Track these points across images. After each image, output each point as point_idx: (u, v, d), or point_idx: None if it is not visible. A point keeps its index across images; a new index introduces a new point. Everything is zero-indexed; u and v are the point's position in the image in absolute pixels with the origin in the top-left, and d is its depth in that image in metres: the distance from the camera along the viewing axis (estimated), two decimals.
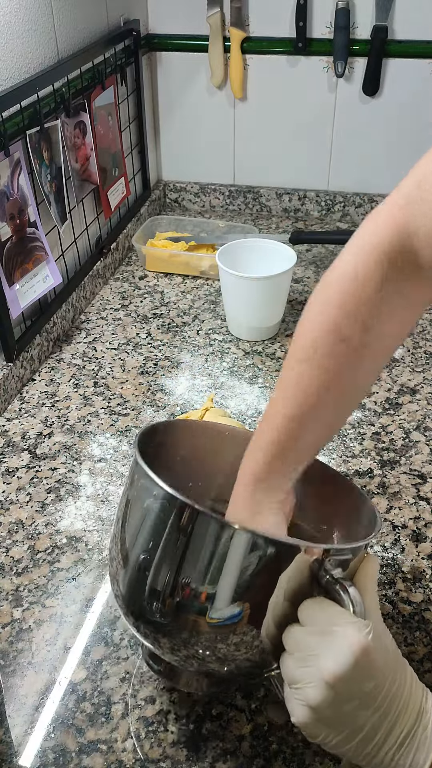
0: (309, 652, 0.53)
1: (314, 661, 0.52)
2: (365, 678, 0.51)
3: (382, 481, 0.95)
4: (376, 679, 0.51)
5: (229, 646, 0.57)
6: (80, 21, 1.24)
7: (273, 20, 1.49)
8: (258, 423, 0.67)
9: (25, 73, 1.08)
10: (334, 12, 1.43)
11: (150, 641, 0.60)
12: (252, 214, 1.71)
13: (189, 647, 0.57)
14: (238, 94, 1.57)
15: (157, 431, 0.68)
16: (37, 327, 1.16)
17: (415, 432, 1.03)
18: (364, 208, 1.65)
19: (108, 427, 1.05)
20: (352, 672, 0.51)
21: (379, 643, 0.52)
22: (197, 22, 1.52)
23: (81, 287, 1.31)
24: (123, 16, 1.41)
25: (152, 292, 1.39)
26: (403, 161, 1.58)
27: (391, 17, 1.43)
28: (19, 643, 0.75)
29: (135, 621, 0.60)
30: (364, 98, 1.52)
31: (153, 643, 0.60)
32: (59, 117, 1.16)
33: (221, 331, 1.27)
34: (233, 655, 0.57)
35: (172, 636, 0.58)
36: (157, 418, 1.06)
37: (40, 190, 1.13)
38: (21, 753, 0.66)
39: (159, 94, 1.63)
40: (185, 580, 0.55)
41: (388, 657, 0.53)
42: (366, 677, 0.51)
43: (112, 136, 1.38)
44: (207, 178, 1.72)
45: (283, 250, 1.23)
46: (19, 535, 0.88)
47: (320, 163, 1.63)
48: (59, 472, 0.97)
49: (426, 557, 0.84)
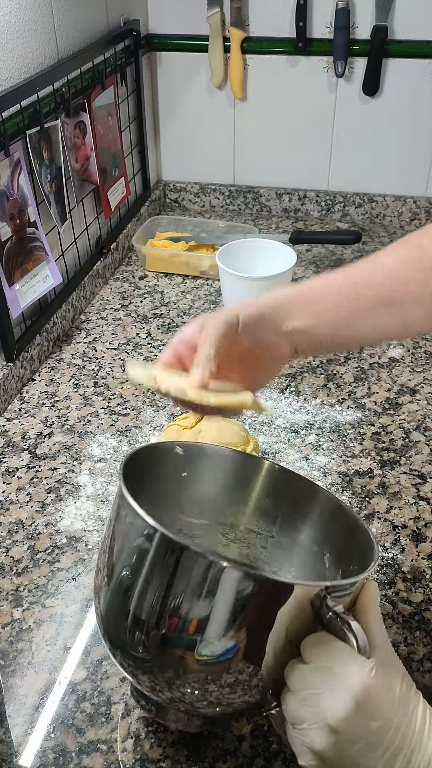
0: (312, 691, 0.51)
1: (317, 701, 0.51)
2: (370, 717, 0.50)
3: (382, 481, 0.95)
4: (382, 718, 0.50)
5: (223, 688, 0.54)
6: (80, 21, 1.24)
7: (273, 20, 1.49)
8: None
9: (25, 73, 1.08)
10: (334, 12, 1.43)
11: (130, 675, 0.57)
12: (252, 214, 1.71)
13: (175, 688, 0.54)
14: (238, 94, 1.57)
15: (140, 456, 0.65)
16: (37, 327, 1.16)
17: (415, 432, 1.03)
18: (364, 208, 1.65)
19: (108, 427, 1.05)
20: (355, 713, 0.49)
21: (385, 680, 0.51)
22: (197, 22, 1.52)
23: (81, 287, 1.31)
24: (123, 16, 1.41)
25: (152, 292, 1.39)
26: (403, 161, 1.60)
27: (391, 17, 1.43)
28: (19, 643, 0.75)
29: (113, 648, 0.58)
30: (364, 98, 1.52)
31: (134, 677, 0.57)
32: (59, 117, 1.16)
33: None
34: (227, 698, 0.55)
35: (154, 674, 0.55)
36: (157, 418, 1.06)
37: (40, 190, 1.13)
38: (21, 753, 0.66)
39: (159, 94, 1.63)
40: (172, 612, 0.53)
41: (396, 693, 0.51)
42: (370, 717, 0.50)
43: (112, 136, 1.38)
44: (207, 178, 1.72)
45: (283, 250, 1.23)
46: (19, 535, 0.88)
47: (320, 163, 1.63)
48: (59, 472, 0.97)
49: (426, 557, 0.84)
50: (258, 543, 0.72)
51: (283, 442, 1.01)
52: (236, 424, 0.96)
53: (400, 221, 1.64)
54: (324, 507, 0.67)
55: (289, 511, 0.69)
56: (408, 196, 1.62)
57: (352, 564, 0.63)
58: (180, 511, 0.71)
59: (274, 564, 0.71)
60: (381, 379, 1.13)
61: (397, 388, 1.12)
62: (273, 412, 0.90)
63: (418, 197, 1.61)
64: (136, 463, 0.62)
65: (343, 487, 0.93)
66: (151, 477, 0.66)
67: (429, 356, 1.19)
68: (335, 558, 0.66)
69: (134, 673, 0.56)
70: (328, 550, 0.67)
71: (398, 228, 1.64)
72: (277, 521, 0.70)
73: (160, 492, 0.67)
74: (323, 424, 1.04)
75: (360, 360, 1.18)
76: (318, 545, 0.68)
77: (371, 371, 1.15)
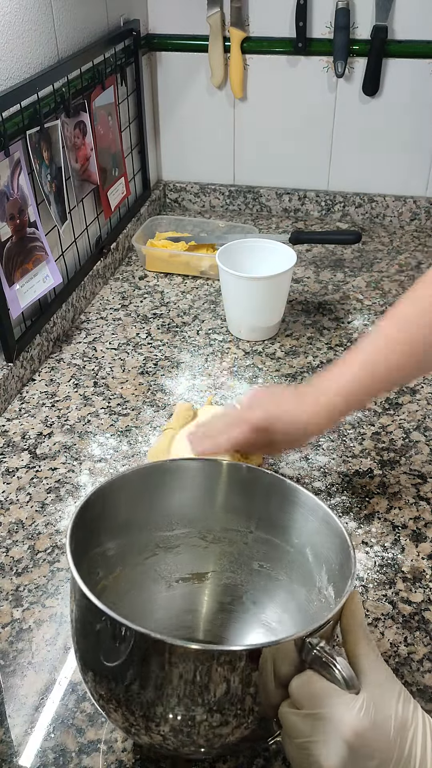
0: (306, 738, 0.52)
1: (312, 749, 0.51)
2: (366, 759, 0.50)
3: (382, 481, 0.95)
4: (379, 757, 0.50)
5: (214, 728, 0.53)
6: (80, 21, 1.24)
7: (273, 20, 1.49)
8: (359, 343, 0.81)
9: (25, 73, 1.08)
10: (334, 12, 1.43)
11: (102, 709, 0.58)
12: (252, 214, 1.71)
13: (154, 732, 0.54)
14: (238, 94, 1.57)
15: (93, 503, 0.63)
16: (37, 327, 1.16)
17: (415, 432, 1.03)
18: (364, 208, 1.65)
19: (108, 427, 1.05)
20: (350, 759, 0.49)
21: (378, 716, 0.50)
22: (197, 22, 1.52)
23: (81, 287, 1.31)
24: (123, 16, 1.41)
25: (152, 292, 1.39)
26: (403, 161, 1.60)
27: (391, 17, 1.43)
28: (19, 643, 0.75)
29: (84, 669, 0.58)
30: (364, 98, 1.53)
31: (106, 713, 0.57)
32: (59, 117, 1.16)
33: (221, 331, 1.27)
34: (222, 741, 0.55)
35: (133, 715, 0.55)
36: (157, 418, 1.06)
37: (40, 190, 1.13)
38: (21, 753, 0.66)
39: (159, 94, 1.63)
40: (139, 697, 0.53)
41: (391, 726, 0.50)
42: (367, 758, 0.50)
43: (112, 136, 1.38)
44: (207, 178, 1.72)
45: (283, 250, 1.23)
46: (19, 535, 0.88)
47: (320, 163, 1.63)
48: (59, 472, 0.97)
49: (426, 557, 0.84)
50: (239, 539, 0.72)
51: None
52: None
53: (400, 221, 1.64)
54: (296, 500, 0.67)
55: (263, 505, 0.69)
56: (408, 196, 1.62)
57: (333, 562, 0.63)
58: (155, 529, 0.71)
59: (259, 560, 0.71)
60: None
61: (397, 388, 1.12)
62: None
63: (418, 197, 1.61)
64: (90, 513, 0.61)
65: (343, 487, 0.93)
66: (113, 514, 0.66)
67: None
68: (316, 552, 0.66)
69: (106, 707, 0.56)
70: (308, 543, 0.67)
71: (398, 228, 1.64)
72: (253, 517, 0.70)
73: (131, 519, 0.67)
74: None
75: None
76: (297, 538, 0.68)
77: None
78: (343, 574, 0.60)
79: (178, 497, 0.70)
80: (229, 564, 0.73)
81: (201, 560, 0.72)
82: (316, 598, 0.65)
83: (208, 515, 0.71)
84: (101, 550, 0.65)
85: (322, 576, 0.65)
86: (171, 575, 0.72)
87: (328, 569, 0.64)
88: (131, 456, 0.99)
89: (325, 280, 1.43)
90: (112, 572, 0.67)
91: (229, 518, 0.71)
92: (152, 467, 0.69)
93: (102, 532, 0.65)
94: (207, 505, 0.71)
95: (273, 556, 0.70)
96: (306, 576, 0.67)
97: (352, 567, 0.58)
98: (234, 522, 0.71)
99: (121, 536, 0.67)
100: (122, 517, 0.67)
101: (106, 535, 0.66)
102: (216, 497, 0.71)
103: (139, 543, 0.70)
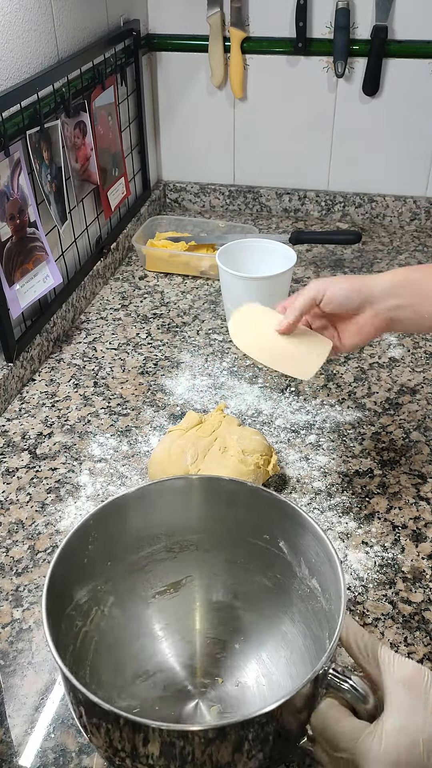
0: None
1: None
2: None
3: (382, 481, 0.95)
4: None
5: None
6: (80, 21, 1.24)
7: (273, 20, 1.49)
8: None
9: (25, 73, 1.08)
10: (334, 12, 1.43)
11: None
12: (252, 214, 1.71)
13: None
14: (238, 94, 1.57)
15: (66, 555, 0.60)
16: (37, 327, 1.16)
17: (415, 432, 1.03)
18: (364, 208, 1.65)
19: (108, 427, 1.05)
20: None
21: (406, 739, 0.50)
22: (197, 22, 1.52)
23: (81, 287, 1.31)
24: (123, 16, 1.41)
25: (152, 292, 1.39)
26: (403, 161, 1.60)
27: (391, 17, 1.43)
28: (19, 643, 0.75)
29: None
30: (364, 98, 1.53)
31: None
32: (59, 117, 1.16)
33: (221, 331, 1.27)
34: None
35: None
36: (157, 418, 1.06)
37: (40, 190, 1.13)
38: (21, 753, 0.66)
39: (159, 94, 1.63)
40: None
41: (421, 744, 0.50)
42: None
43: (112, 136, 1.38)
44: (207, 178, 1.72)
45: (283, 250, 1.23)
46: (19, 535, 0.88)
47: (320, 163, 1.63)
48: (59, 472, 0.97)
49: (426, 557, 0.84)
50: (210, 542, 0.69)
51: (283, 442, 1.01)
52: (258, 433, 0.94)
53: (400, 221, 1.64)
54: (267, 503, 0.64)
55: (239, 511, 0.67)
56: (408, 196, 1.62)
57: (318, 561, 0.61)
58: (137, 550, 0.68)
59: (253, 562, 0.69)
60: (381, 379, 1.13)
61: (397, 388, 1.12)
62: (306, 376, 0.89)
63: (418, 197, 1.61)
64: (55, 585, 0.58)
65: (343, 487, 0.93)
66: (77, 566, 0.62)
67: (429, 356, 1.19)
68: (292, 547, 0.64)
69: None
70: (283, 540, 0.65)
71: (398, 228, 1.64)
72: (228, 522, 0.68)
73: (94, 559, 0.64)
74: (323, 424, 1.04)
75: (360, 360, 1.18)
76: (272, 538, 0.66)
77: (371, 371, 1.15)
78: (328, 576, 0.58)
79: (156, 517, 0.67)
80: (198, 566, 0.70)
81: (173, 570, 0.70)
82: (299, 586, 0.64)
83: (186, 523, 0.68)
84: (74, 604, 0.62)
85: (302, 568, 0.64)
86: (147, 592, 0.70)
87: (307, 562, 0.63)
88: (131, 456, 0.99)
89: None
90: (88, 616, 0.64)
91: (208, 524, 0.68)
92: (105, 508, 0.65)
93: (70, 589, 0.62)
94: (186, 516, 0.68)
95: (261, 562, 0.68)
96: (285, 567, 0.66)
97: (339, 576, 0.56)
98: (214, 528, 0.68)
99: (88, 580, 0.64)
100: (86, 560, 0.64)
101: (75, 588, 0.63)
102: (192, 509, 0.68)
103: (125, 560, 0.68)
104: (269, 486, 0.93)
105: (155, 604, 0.70)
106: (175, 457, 0.90)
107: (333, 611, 0.56)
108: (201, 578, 0.71)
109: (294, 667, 0.65)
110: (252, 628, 0.69)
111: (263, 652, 0.68)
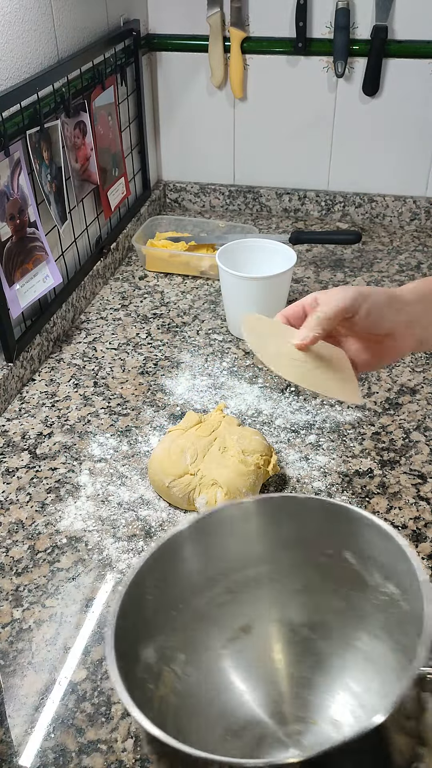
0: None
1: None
2: None
3: (382, 481, 0.95)
4: None
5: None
6: (80, 21, 1.24)
7: (273, 20, 1.49)
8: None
9: (25, 73, 1.08)
10: (334, 12, 1.43)
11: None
12: (252, 214, 1.71)
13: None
14: (238, 94, 1.57)
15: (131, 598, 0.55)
16: (37, 327, 1.16)
17: (415, 432, 1.03)
18: (364, 208, 1.65)
19: (108, 427, 1.05)
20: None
21: None
22: (197, 22, 1.52)
23: (81, 287, 1.31)
24: (123, 16, 1.41)
25: (152, 292, 1.39)
26: (403, 161, 1.60)
27: (391, 17, 1.43)
28: (19, 643, 0.75)
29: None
30: (364, 98, 1.53)
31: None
32: (59, 117, 1.16)
33: (221, 331, 1.27)
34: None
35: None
36: (157, 418, 1.06)
37: (40, 190, 1.13)
38: (21, 753, 0.66)
39: (159, 94, 1.63)
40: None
41: None
42: None
43: (112, 136, 1.38)
44: (207, 178, 1.72)
45: (283, 250, 1.23)
46: (19, 535, 0.88)
47: (320, 163, 1.63)
48: (59, 472, 0.97)
49: (426, 557, 0.84)
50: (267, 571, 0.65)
51: (283, 442, 1.01)
52: (258, 433, 0.94)
53: (400, 221, 1.64)
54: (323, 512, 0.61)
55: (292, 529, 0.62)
56: (408, 196, 1.62)
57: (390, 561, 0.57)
58: (200, 594, 0.63)
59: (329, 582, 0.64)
60: (381, 379, 1.13)
61: (397, 388, 1.12)
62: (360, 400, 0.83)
63: (418, 197, 1.61)
64: (132, 605, 0.55)
65: (343, 487, 0.94)
66: (141, 619, 0.58)
67: (429, 356, 1.19)
68: (359, 555, 0.60)
69: None
70: (348, 550, 0.61)
71: (398, 228, 1.64)
72: (290, 545, 0.63)
73: (174, 598, 0.60)
74: (323, 424, 1.04)
75: None
76: (336, 550, 0.62)
77: (371, 371, 1.15)
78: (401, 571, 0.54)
79: (214, 553, 0.62)
80: (264, 600, 0.65)
81: (240, 612, 0.65)
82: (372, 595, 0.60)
83: (247, 555, 0.64)
84: (142, 665, 0.56)
85: (374, 576, 0.59)
86: (217, 642, 0.64)
87: (377, 566, 0.58)
88: (131, 456, 0.99)
89: (325, 280, 1.43)
90: (159, 678, 0.58)
91: (275, 551, 0.64)
92: (164, 546, 0.60)
93: (136, 646, 0.56)
94: (245, 547, 0.63)
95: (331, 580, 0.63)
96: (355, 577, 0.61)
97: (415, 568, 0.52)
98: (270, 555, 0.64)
99: (156, 633, 0.58)
100: (148, 612, 0.58)
101: (141, 645, 0.57)
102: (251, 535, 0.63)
103: (176, 623, 0.61)
104: (269, 486, 0.94)
105: (228, 653, 0.64)
106: (175, 456, 0.90)
107: (417, 609, 0.50)
108: (269, 613, 0.66)
109: (389, 686, 0.59)
110: (332, 657, 0.64)
111: (349, 680, 0.63)
